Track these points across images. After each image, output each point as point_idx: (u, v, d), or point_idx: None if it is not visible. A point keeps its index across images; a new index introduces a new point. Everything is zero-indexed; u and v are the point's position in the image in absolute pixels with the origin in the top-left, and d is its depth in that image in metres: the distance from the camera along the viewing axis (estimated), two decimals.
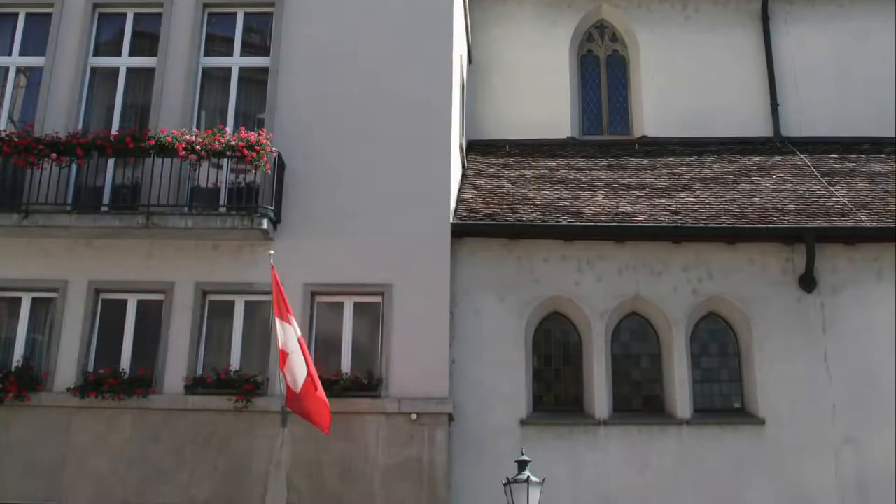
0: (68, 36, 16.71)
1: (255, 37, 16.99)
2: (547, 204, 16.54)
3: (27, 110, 16.55)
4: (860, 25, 20.47)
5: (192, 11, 16.70)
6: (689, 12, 20.76)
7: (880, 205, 16.31)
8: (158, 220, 15.02)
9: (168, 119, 16.02)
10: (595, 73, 21.12)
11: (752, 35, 20.48)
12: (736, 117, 19.87)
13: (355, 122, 15.95)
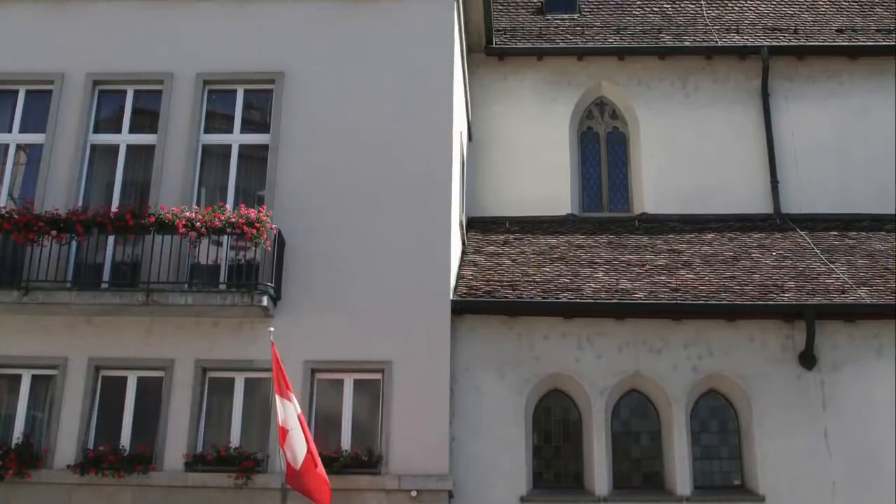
0: (68, 113, 18.09)
1: (255, 113, 18.38)
2: (547, 281, 17.84)
3: (27, 187, 17.86)
4: (860, 102, 21.97)
5: (192, 88, 18.10)
6: (689, 90, 22.33)
7: (880, 282, 17.59)
8: (158, 297, 16.25)
9: (168, 196, 17.33)
10: (595, 149, 22.64)
11: (753, 112, 21.99)
12: (736, 194, 21.32)
13: (355, 199, 17.25)
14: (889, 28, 22.98)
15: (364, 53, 18.10)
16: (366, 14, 18.35)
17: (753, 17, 23.76)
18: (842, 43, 22.49)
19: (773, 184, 21.35)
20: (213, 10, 18.60)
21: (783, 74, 22.28)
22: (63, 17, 18.68)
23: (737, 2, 24.33)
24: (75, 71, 18.24)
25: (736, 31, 23.08)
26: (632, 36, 23.03)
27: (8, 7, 18.86)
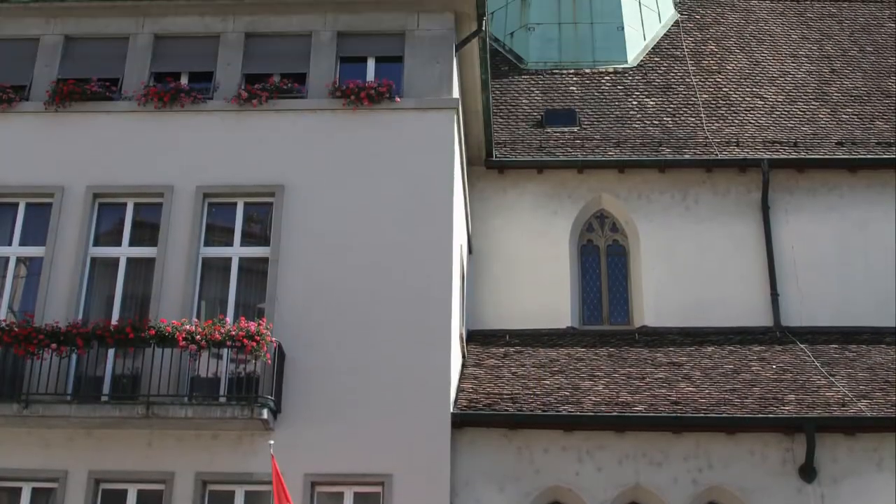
0: (68, 226, 19.23)
1: (255, 226, 19.57)
2: (547, 394, 18.89)
3: (27, 300, 18.96)
4: (860, 215, 23.25)
5: (192, 201, 19.28)
6: (689, 202, 23.67)
7: (881, 395, 18.62)
8: (159, 410, 17.28)
9: (168, 309, 18.42)
10: (595, 262, 23.91)
11: (753, 225, 23.26)
12: (736, 307, 22.51)
13: (355, 312, 18.31)
14: (889, 141, 24.39)
15: (364, 166, 19.33)
16: (366, 126, 19.64)
17: (753, 130, 25.19)
18: (842, 156, 23.89)
19: (774, 296, 22.57)
20: (213, 122, 19.91)
21: (783, 187, 23.63)
22: (63, 130, 19.97)
23: (737, 115, 25.79)
24: (75, 184, 19.46)
25: (736, 144, 24.51)
26: (632, 149, 24.45)
27: (9, 119, 20.15)
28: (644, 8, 29.05)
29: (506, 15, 29.14)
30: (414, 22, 20.63)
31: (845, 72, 27.44)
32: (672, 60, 27.87)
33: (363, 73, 20.42)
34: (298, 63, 20.49)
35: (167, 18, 21.01)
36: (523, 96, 26.70)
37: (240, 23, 20.91)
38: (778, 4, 30.29)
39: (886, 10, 30.05)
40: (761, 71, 27.46)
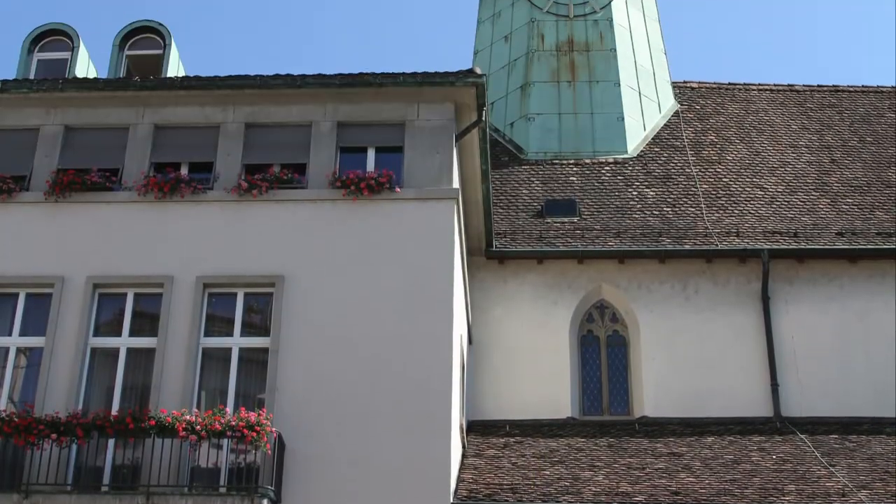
0: (68, 316, 20.00)
1: (255, 317, 20.38)
2: (547, 484, 19.61)
3: (27, 390, 19.68)
4: (860, 305, 24.17)
5: (192, 292, 20.07)
6: (689, 293, 24.59)
7: (881, 485, 19.32)
8: (159, 500, 17.88)
9: (168, 399, 19.14)
10: (595, 352, 24.77)
11: (753, 315, 24.18)
12: (736, 398, 23.34)
13: (355, 402, 19.01)
14: (889, 231, 25.34)
15: (364, 256, 20.13)
16: (366, 216, 20.48)
17: (753, 220, 26.16)
18: (842, 246, 24.84)
19: (774, 387, 23.41)
20: (213, 213, 20.78)
21: (783, 277, 24.57)
22: (63, 220, 20.80)
23: (737, 205, 26.77)
24: (75, 274, 20.26)
25: (736, 235, 25.46)
26: (632, 239, 25.39)
27: (9, 210, 21.00)
28: (644, 98, 30.17)
29: (506, 105, 30.23)
30: (414, 112, 21.56)
31: (845, 162, 28.49)
32: (672, 150, 28.93)
33: (363, 162, 21.31)
34: (298, 153, 21.39)
35: (167, 109, 21.91)
36: (523, 186, 27.68)
37: (240, 113, 21.81)
38: (778, 95, 31.45)
39: (886, 100, 31.19)
40: (761, 161, 28.51)
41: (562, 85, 30.11)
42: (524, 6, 31.82)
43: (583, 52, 30.64)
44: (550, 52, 30.74)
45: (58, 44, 26.03)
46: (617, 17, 31.43)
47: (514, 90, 30.43)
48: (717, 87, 31.76)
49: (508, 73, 30.92)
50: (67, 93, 22.01)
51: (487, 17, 32.57)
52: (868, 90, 31.66)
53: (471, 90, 21.41)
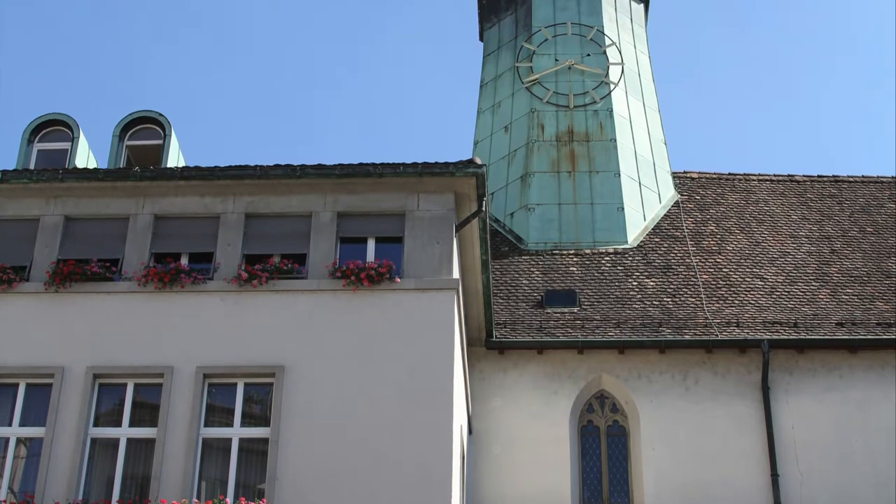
0: (68, 406, 20.53)
1: (255, 407, 20.93)
2: None
3: (27, 480, 20.17)
4: (860, 395, 24.87)
5: (192, 382, 20.60)
6: (689, 383, 25.30)
7: None
8: None
9: (168, 489, 19.59)
10: (595, 443, 25.38)
11: (753, 405, 24.84)
12: (736, 488, 23.96)
13: (356, 492, 19.47)
14: (889, 322, 26.07)
15: (364, 346, 20.74)
16: (366, 306, 21.13)
17: (753, 310, 26.90)
18: (842, 336, 25.55)
19: (774, 478, 24.02)
20: (213, 303, 21.43)
21: (783, 367, 25.29)
22: (63, 311, 21.42)
23: (737, 295, 27.53)
24: (75, 364, 20.85)
25: (736, 325, 26.19)
26: (632, 329, 26.12)
27: (9, 300, 21.61)
28: (644, 188, 31.02)
29: (506, 195, 31.05)
30: (414, 202, 22.30)
31: (845, 252, 29.29)
32: (672, 241, 29.74)
33: (363, 252, 22.01)
34: (298, 243, 22.09)
35: (167, 199, 22.62)
36: (523, 276, 28.43)
37: (240, 203, 22.52)
38: (778, 185, 32.33)
39: (886, 190, 32.05)
40: (761, 251, 29.30)
41: (562, 175, 30.95)
42: (524, 96, 32.74)
43: (583, 143, 31.52)
44: (550, 143, 31.62)
45: (58, 134, 26.73)
46: (617, 108, 32.34)
47: (515, 180, 31.24)
48: (718, 177, 32.63)
49: (508, 163, 31.75)
50: (67, 183, 22.66)
51: (487, 107, 33.49)
52: (868, 180, 32.55)
53: (471, 180, 22.10)
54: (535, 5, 34.33)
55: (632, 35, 34.45)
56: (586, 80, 32.73)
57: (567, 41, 33.56)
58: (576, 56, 33.27)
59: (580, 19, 34.07)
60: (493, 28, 34.97)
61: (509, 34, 34.39)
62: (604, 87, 32.61)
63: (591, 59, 33.15)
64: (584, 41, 33.59)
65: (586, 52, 33.37)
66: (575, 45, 33.55)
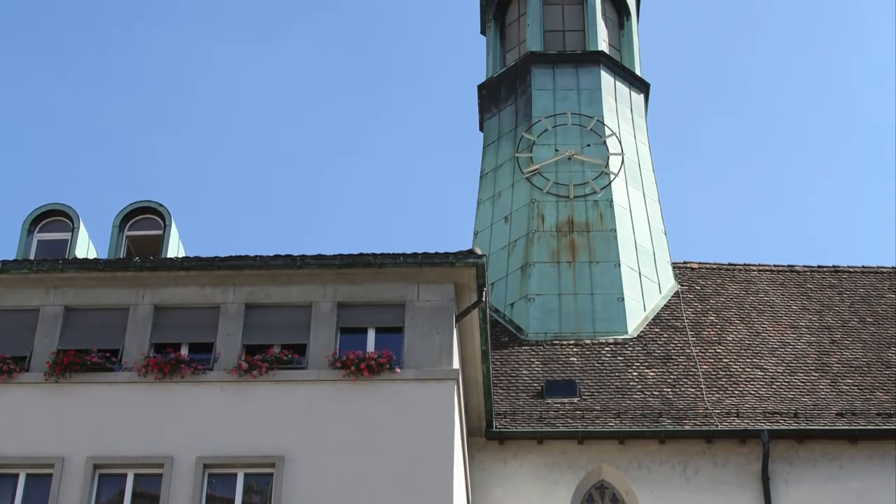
0: (68, 497, 20.91)
1: (255, 497, 21.17)
2: None
3: None
4: (861, 486, 25.29)
5: (192, 473, 20.98)
6: (689, 473, 25.73)
7: None
8: None
9: None
10: None
11: (753, 496, 25.22)
12: None
13: None
14: (889, 412, 26.52)
15: (364, 436, 21.23)
16: (366, 397, 21.65)
17: (753, 400, 27.38)
18: (842, 426, 26.02)
19: None
20: (213, 393, 21.94)
21: (783, 458, 25.74)
22: (63, 401, 21.90)
23: (737, 385, 28.00)
24: (75, 455, 21.30)
25: (736, 415, 26.65)
26: (632, 419, 26.59)
27: (9, 390, 22.11)
28: (644, 278, 31.61)
29: (506, 285, 31.61)
30: (414, 293, 22.87)
31: (845, 342, 29.83)
32: (672, 331, 30.28)
33: (363, 343, 22.53)
34: (298, 334, 22.63)
35: (167, 289, 23.20)
36: (523, 367, 28.94)
37: (240, 293, 23.08)
38: (778, 275, 32.90)
39: (886, 280, 32.62)
40: (761, 342, 29.84)
41: (562, 265, 31.50)
42: (524, 187, 33.31)
43: (583, 233, 32.09)
44: (551, 233, 32.18)
45: (58, 224, 27.24)
46: (617, 198, 32.90)
47: (515, 271, 31.79)
48: (718, 267, 33.18)
49: (508, 253, 32.30)
50: (67, 273, 23.22)
51: (487, 197, 34.09)
52: (868, 270, 33.10)
53: (471, 271, 22.67)
54: (536, 95, 34.94)
55: (632, 125, 35.11)
56: (586, 171, 33.26)
57: (567, 131, 34.17)
58: (576, 146, 33.79)
59: (580, 109, 34.66)
60: (493, 118, 35.63)
61: (509, 124, 35.03)
62: (604, 178, 33.14)
63: (592, 150, 33.68)
64: (584, 131, 34.16)
65: (586, 143, 33.89)
66: (575, 135, 34.10)
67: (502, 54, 37.04)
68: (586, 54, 35.51)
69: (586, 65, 35.33)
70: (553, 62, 35.34)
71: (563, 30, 36.40)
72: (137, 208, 27.46)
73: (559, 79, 35.19)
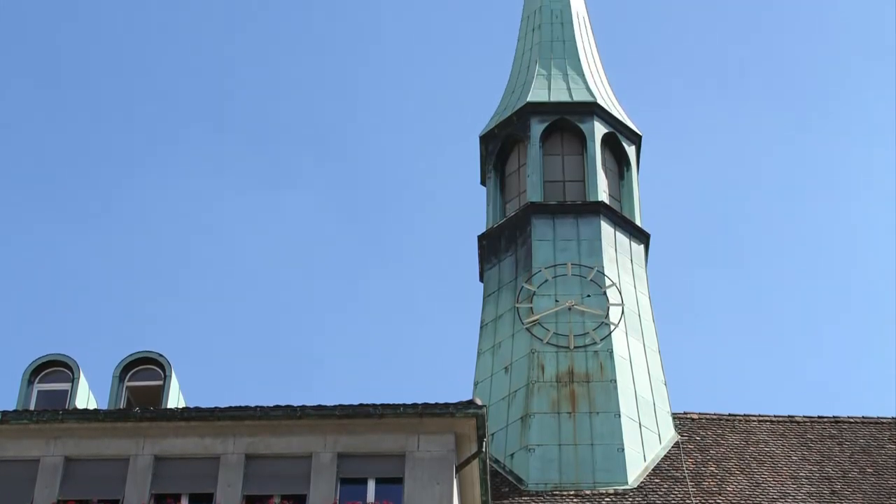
0: None
1: None
2: None
3: None
4: None
5: None
6: None
7: None
8: None
9: None
10: None
11: None
12: None
13: None
14: None
15: None
16: None
17: None
18: None
19: None
20: None
21: None
22: None
23: None
24: None
25: None
26: None
27: None
28: (644, 429, 32.12)
29: (506, 436, 32.08)
30: (414, 443, 23.38)
31: (846, 493, 30.18)
32: (672, 482, 30.71)
33: (364, 493, 23.01)
34: (299, 483, 23.12)
35: (167, 440, 23.73)
36: None
37: (240, 444, 23.61)
38: (778, 426, 33.38)
39: (886, 430, 33.13)
40: (762, 492, 30.16)
41: (562, 416, 32.01)
42: (525, 337, 33.88)
43: (583, 383, 32.60)
44: (551, 384, 32.68)
45: (58, 374, 27.83)
46: (617, 349, 33.48)
47: (515, 421, 32.27)
48: (718, 417, 33.68)
49: (509, 403, 32.79)
50: (68, 424, 23.81)
51: (488, 348, 34.67)
52: (868, 421, 33.60)
53: (471, 421, 23.20)
54: (536, 246, 35.55)
55: (632, 275, 35.77)
56: (586, 321, 33.81)
57: (567, 282, 34.78)
58: (576, 297, 34.36)
59: (580, 260, 35.29)
60: (494, 268, 36.26)
61: (510, 274, 35.64)
62: (604, 328, 33.69)
63: (592, 300, 34.28)
64: (584, 282, 34.77)
65: (587, 293, 34.46)
66: (575, 286, 34.69)
67: (502, 204, 37.77)
68: (586, 205, 36.18)
69: (586, 215, 36.00)
70: (553, 212, 36.02)
71: (563, 180, 37.14)
72: (137, 359, 27.99)
73: (559, 229, 35.85)
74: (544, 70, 38.67)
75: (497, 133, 38.25)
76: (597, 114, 37.45)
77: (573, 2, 41.44)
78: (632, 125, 38.37)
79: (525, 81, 38.83)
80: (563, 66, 38.97)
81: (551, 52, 39.50)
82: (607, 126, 37.64)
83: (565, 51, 39.60)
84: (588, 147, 36.94)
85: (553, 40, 39.87)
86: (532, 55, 39.76)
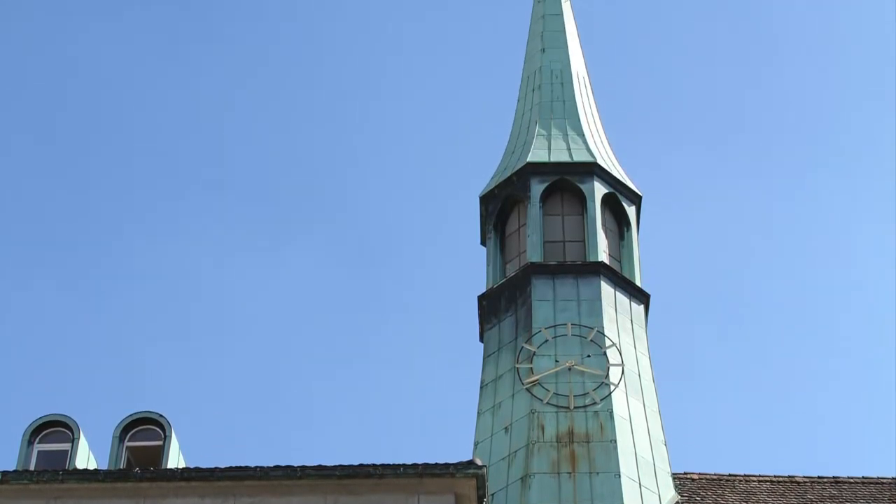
0: None
1: None
2: None
3: None
4: None
5: None
6: None
7: None
8: None
9: None
10: None
11: None
12: None
13: None
14: None
15: None
16: None
17: None
18: None
19: None
20: None
21: None
22: None
23: None
24: None
25: None
26: None
27: None
28: (644, 489, 32.31)
29: (506, 496, 32.19)
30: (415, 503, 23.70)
31: None
32: None
33: None
34: None
35: (167, 500, 24.05)
36: None
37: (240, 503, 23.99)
38: (779, 486, 33.53)
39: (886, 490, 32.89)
40: None
41: (562, 476, 32.17)
42: (524, 397, 34.11)
43: (583, 444, 32.80)
44: (551, 444, 32.89)
45: (58, 434, 28.15)
46: (617, 409, 33.69)
47: (515, 481, 32.44)
48: (718, 478, 33.87)
49: (509, 464, 32.99)
50: (67, 484, 24.15)
51: (487, 408, 34.88)
52: (868, 482, 33.77)
53: (471, 481, 23.50)
54: (536, 306, 35.82)
55: (632, 336, 36.05)
56: (587, 381, 34.00)
57: (567, 342, 35.02)
58: (576, 357, 34.58)
59: (580, 320, 35.56)
60: (493, 329, 36.56)
61: (509, 335, 35.91)
62: (604, 388, 33.90)
63: (592, 360, 34.52)
64: (584, 342, 35.01)
65: (587, 353, 34.67)
66: (575, 346, 34.91)
67: (502, 264, 38.12)
68: (587, 265, 36.51)
69: (586, 275, 36.29)
70: (553, 273, 36.33)
71: (563, 240, 37.49)
72: (137, 419, 28.26)
73: (559, 289, 36.15)
74: (544, 130, 39.12)
75: (497, 193, 38.67)
76: (597, 174, 37.86)
77: (573, 62, 41.89)
78: (632, 185, 38.78)
79: (525, 141, 39.28)
80: (563, 125, 39.42)
81: (551, 112, 39.95)
82: (607, 186, 38.05)
83: (565, 111, 40.05)
84: (588, 207, 37.32)
85: (553, 100, 40.33)
86: (532, 115, 40.22)
